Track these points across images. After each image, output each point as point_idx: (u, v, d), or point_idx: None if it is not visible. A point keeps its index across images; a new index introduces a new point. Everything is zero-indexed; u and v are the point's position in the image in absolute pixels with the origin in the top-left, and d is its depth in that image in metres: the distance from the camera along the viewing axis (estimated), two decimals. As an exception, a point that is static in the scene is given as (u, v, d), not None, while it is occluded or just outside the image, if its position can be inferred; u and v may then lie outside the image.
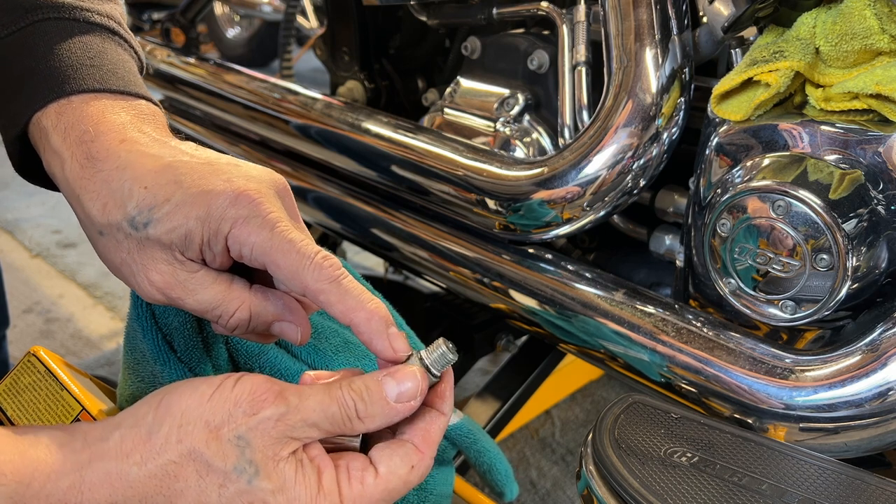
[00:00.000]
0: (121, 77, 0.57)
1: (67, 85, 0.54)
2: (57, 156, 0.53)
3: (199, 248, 0.50)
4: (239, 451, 0.43)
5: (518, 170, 0.83)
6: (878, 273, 0.63)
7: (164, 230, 0.49)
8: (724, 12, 0.73)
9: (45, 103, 0.54)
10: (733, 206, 0.65)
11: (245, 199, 0.49)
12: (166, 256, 0.50)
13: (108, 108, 0.54)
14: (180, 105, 1.46)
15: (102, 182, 0.51)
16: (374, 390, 0.47)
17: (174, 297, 0.51)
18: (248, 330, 0.54)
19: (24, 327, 1.82)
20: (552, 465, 1.35)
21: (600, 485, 0.55)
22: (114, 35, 0.61)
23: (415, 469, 0.47)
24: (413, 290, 1.33)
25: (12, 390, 0.62)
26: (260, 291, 0.53)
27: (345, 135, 1.02)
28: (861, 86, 0.61)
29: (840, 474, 0.55)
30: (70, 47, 0.57)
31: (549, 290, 0.84)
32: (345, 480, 0.46)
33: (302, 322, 0.54)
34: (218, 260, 0.51)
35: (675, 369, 0.72)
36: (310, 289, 0.49)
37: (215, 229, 0.49)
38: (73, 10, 0.59)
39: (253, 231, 0.49)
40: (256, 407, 0.44)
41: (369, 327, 0.48)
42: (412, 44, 1.26)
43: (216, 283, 0.52)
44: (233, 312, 0.52)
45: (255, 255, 0.49)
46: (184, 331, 0.59)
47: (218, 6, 4.39)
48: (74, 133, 0.53)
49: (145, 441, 0.43)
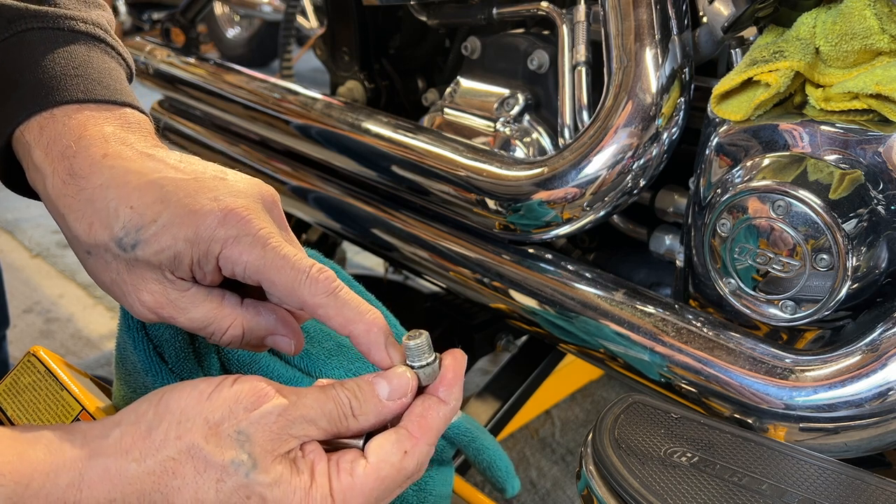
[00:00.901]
0: (106, 86, 0.56)
1: (50, 97, 0.54)
2: (39, 172, 0.52)
3: (188, 268, 0.50)
4: (238, 445, 0.44)
5: (518, 170, 0.83)
6: (878, 273, 0.63)
7: (153, 251, 0.49)
8: (724, 12, 0.73)
9: (28, 116, 0.53)
10: (733, 206, 0.65)
11: (234, 217, 0.49)
12: (156, 276, 0.50)
13: (91, 119, 0.54)
14: (180, 105, 1.46)
15: (86, 201, 0.50)
16: (366, 389, 0.48)
17: (166, 316, 0.51)
18: (241, 344, 0.54)
19: (24, 327, 1.82)
20: (552, 465, 1.35)
21: (600, 485, 0.55)
22: (100, 43, 0.60)
23: (408, 455, 0.47)
24: (413, 290, 1.33)
25: (12, 390, 0.62)
26: (252, 306, 0.53)
27: (345, 135, 1.02)
28: (861, 86, 0.61)
29: (840, 474, 0.55)
30: (54, 58, 0.56)
31: (549, 290, 0.84)
32: (334, 473, 0.45)
33: (295, 334, 0.55)
34: (209, 278, 0.51)
35: (675, 369, 0.72)
36: (307, 304, 0.49)
37: (205, 250, 0.49)
38: (58, 19, 0.58)
39: (245, 250, 0.49)
40: (257, 403, 0.45)
41: (368, 339, 0.49)
42: (412, 44, 1.26)
43: (207, 301, 0.51)
44: (225, 329, 0.52)
45: (249, 273, 0.49)
46: (175, 342, 0.59)
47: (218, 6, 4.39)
48: (57, 147, 0.52)
49: (144, 437, 0.44)
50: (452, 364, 0.50)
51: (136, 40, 1.56)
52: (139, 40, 1.53)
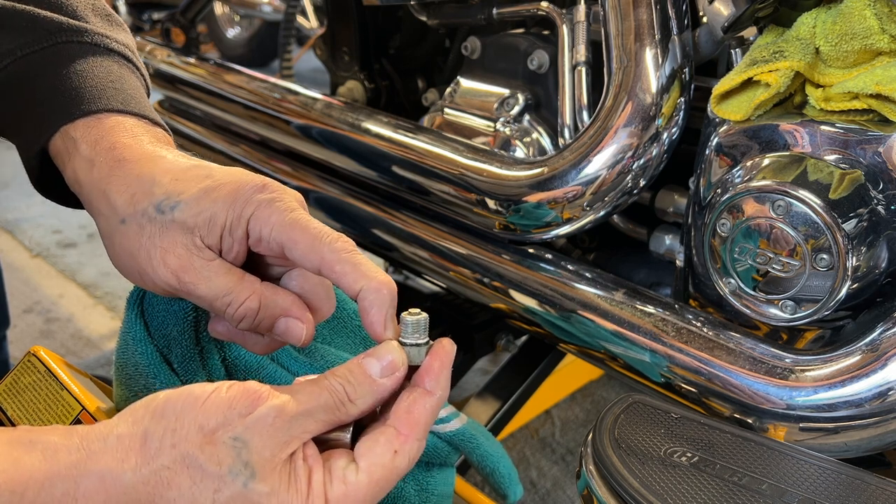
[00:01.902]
0: (139, 102, 0.61)
1: (94, 103, 0.58)
2: (87, 161, 0.56)
3: (219, 234, 0.52)
4: (235, 453, 0.43)
5: (518, 170, 0.83)
6: (878, 273, 0.63)
7: (191, 213, 0.52)
8: (724, 12, 0.73)
9: (73, 118, 0.57)
10: (733, 206, 0.65)
11: (271, 187, 0.53)
12: (186, 241, 0.52)
13: (132, 127, 0.58)
14: (180, 105, 1.46)
15: (134, 176, 0.54)
16: (357, 371, 0.48)
17: (187, 280, 0.52)
18: (253, 323, 0.54)
19: (24, 327, 1.82)
20: (552, 465, 1.35)
21: (600, 485, 0.55)
22: (128, 62, 0.64)
23: (399, 454, 0.47)
24: (413, 290, 1.33)
25: (12, 390, 0.62)
26: (270, 286, 0.55)
27: (345, 135, 1.02)
28: (861, 86, 0.61)
29: (840, 474, 0.55)
30: (93, 69, 0.60)
31: (549, 290, 0.84)
32: (328, 482, 0.45)
33: (308, 323, 0.55)
34: (235, 249, 0.53)
35: (675, 369, 0.72)
36: (326, 260, 0.50)
37: (239, 213, 0.52)
38: (94, 35, 0.62)
39: (274, 212, 0.51)
40: (252, 406, 0.44)
41: (377, 297, 0.49)
42: (412, 44, 1.26)
43: (229, 274, 0.53)
44: (243, 300, 0.53)
45: (275, 234, 0.51)
46: (181, 341, 0.59)
47: (218, 6, 4.39)
48: (104, 144, 0.56)
49: (140, 445, 0.43)
50: (440, 352, 0.49)
51: (136, 40, 1.56)
52: (139, 40, 1.53)
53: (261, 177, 0.54)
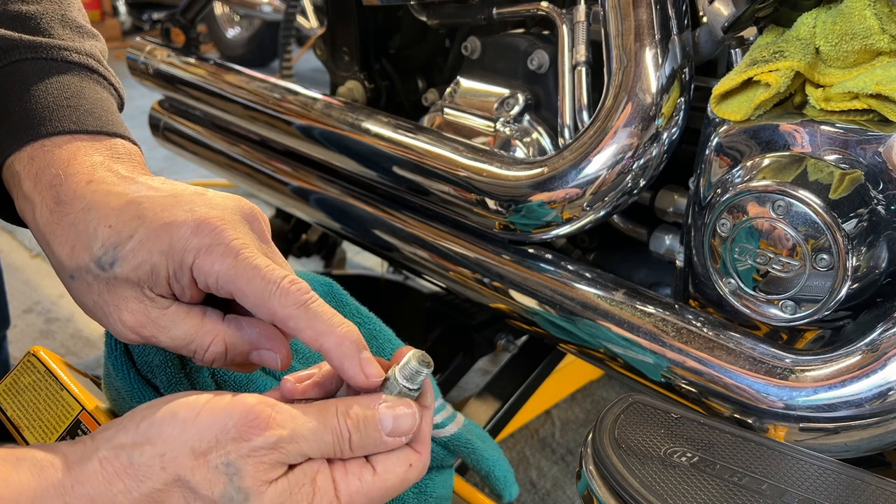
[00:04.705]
0: (98, 117, 0.57)
1: (42, 127, 0.54)
2: (28, 202, 0.53)
3: (166, 283, 0.49)
4: (227, 479, 0.42)
5: (518, 170, 0.83)
6: (878, 273, 0.63)
7: (130, 268, 0.49)
8: (724, 12, 0.73)
9: (20, 147, 0.54)
10: (733, 206, 0.65)
11: (206, 227, 0.49)
12: (136, 294, 0.50)
13: (80, 149, 0.54)
14: (180, 105, 1.46)
15: (70, 225, 0.51)
16: (370, 423, 0.46)
17: (148, 335, 0.50)
18: (226, 362, 0.53)
19: (24, 327, 1.82)
20: (552, 465, 1.35)
21: (600, 485, 0.55)
22: (92, 73, 0.60)
23: (413, 467, 0.48)
24: (413, 290, 1.33)
25: (12, 390, 0.62)
26: (234, 322, 0.52)
27: (345, 135, 1.02)
28: (861, 86, 0.61)
29: (840, 474, 0.55)
30: (47, 88, 0.56)
31: (549, 290, 0.84)
32: (341, 476, 0.45)
33: (281, 348, 0.52)
34: (188, 293, 0.50)
35: (675, 369, 0.72)
36: (277, 315, 0.47)
37: (179, 261, 0.48)
38: (51, 49, 0.58)
39: (216, 259, 0.48)
40: (248, 434, 0.43)
41: (340, 352, 0.47)
42: (412, 44, 1.26)
43: (188, 318, 0.51)
44: (207, 346, 0.51)
45: (221, 283, 0.48)
46: (166, 368, 0.58)
47: (218, 6, 4.39)
48: (45, 177, 0.52)
49: (127, 467, 0.42)
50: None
51: (136, 40, 1.56)
52: (139, 40, 1.53)
53: (196, 210, 0.49)
